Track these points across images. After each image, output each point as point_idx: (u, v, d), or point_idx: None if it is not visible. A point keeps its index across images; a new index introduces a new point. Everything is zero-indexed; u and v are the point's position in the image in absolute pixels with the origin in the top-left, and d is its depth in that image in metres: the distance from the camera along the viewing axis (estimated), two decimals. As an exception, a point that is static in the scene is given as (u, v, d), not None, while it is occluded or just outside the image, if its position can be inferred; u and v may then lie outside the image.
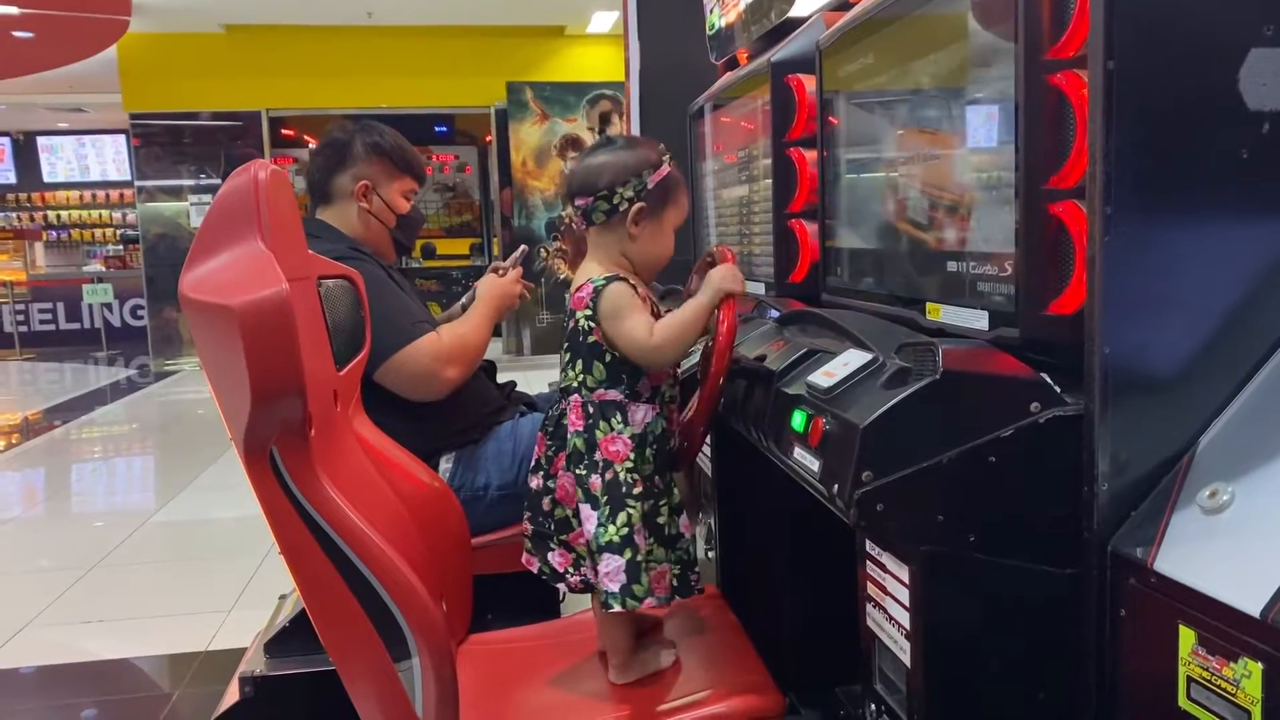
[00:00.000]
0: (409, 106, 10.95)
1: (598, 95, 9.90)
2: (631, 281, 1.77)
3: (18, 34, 9.18)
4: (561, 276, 9.95)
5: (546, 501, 1.77)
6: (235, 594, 3.88)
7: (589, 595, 1.84)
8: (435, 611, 1.49)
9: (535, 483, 1.80)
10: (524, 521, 1.83)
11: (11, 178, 16.10)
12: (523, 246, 2.93)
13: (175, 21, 10.04)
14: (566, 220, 9.84)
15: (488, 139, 11.56)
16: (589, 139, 9.83)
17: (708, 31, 3.02)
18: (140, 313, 12.29)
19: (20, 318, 13.34)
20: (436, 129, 12.93)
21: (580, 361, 1.76)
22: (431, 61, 10.65)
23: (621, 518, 1.68)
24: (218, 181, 10.58)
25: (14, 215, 15.91)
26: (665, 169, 1.78)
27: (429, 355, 2.32)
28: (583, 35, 10.77)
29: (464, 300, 2.66)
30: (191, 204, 10.83)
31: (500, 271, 2.66)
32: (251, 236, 1.34)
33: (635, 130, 3.97)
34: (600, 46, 10.71)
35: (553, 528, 1.77)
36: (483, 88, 10.47)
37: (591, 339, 1.75)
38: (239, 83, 10.57)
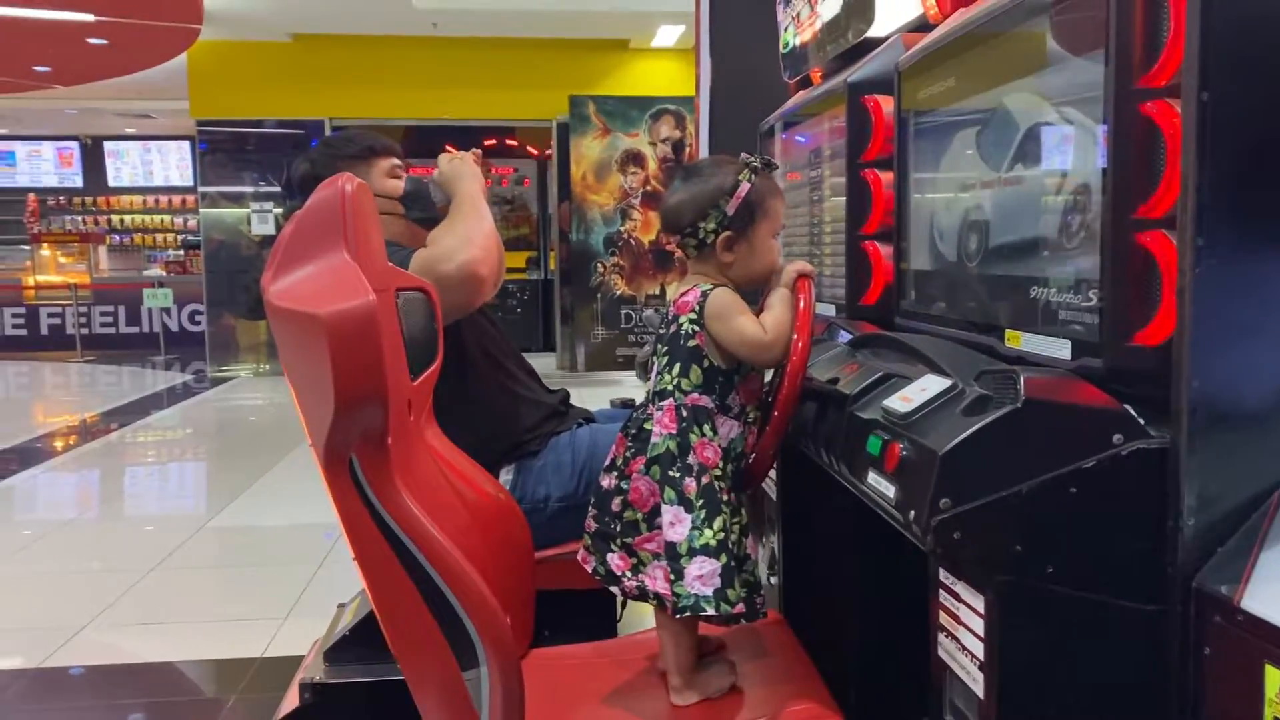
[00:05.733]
0: (471, 119, 11.05)
1: (660, 110, 9.87)
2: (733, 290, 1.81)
3: (92, 40, 9.37)
4: (618, 293, 9.94)
5: (617, 502, 1.77)
6: (290, 602, 3.90)
7: (649, 614, 1.83)
8: (505, 622, 1.49)
9: (608, 482, 1.80)
10: (588, 520, 1.83)
11: (79, 181, 16.42)
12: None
13: (245, 30, 10.19)
14: (625, 236, 9.85)
15: (548, 153, 11.60)
16: (650, 154, 9.82)
17: (781, 50, 3.02)
18: (198, 318, 12.39)
19: (82, 320, 13.51)
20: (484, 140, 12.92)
21: (679, 365, 1.77)
22: (494, 74, 10.69)
23: (719, 522, 1.69)
24: (278, 189, 10.68)
25: (80, 219, 16.21)
26: (744, 188, 1.77)
27: (432, 260, 2.22)
28: (647, 49, 10.80)
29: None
30: (253, 210, 10.92)
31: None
32: (338, 248, 1.36)
33: (704, 147, 3.97)
34: (664, 60, 10.73)
35: (619, 529, 1.76)
36: (545, 100, 10.48)
37: (693, 343, 1.76)
38: (304, 92, 10.69)
